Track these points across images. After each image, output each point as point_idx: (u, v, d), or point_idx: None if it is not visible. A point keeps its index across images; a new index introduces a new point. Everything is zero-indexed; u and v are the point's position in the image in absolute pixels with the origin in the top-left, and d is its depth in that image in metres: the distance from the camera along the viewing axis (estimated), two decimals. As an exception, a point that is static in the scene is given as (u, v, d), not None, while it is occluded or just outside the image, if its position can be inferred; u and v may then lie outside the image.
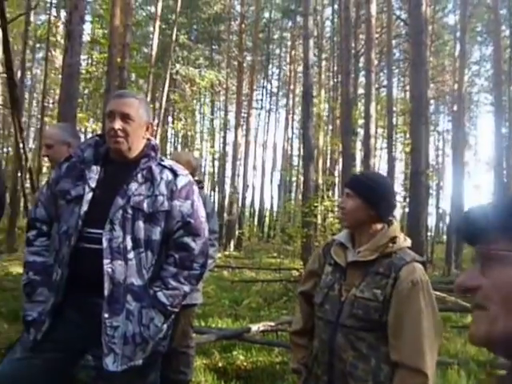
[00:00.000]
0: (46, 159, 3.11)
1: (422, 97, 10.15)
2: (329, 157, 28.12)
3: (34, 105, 32.88)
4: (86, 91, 25.89)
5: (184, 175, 2.14)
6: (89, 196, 2.01)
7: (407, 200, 11.52)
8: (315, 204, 12.82)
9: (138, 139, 2.10)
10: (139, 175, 2.04)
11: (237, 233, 25.01)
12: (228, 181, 28.84)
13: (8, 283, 7.08)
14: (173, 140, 32.93)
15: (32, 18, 22.32)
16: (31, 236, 2.15)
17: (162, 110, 20.23)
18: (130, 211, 1.97)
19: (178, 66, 22.55)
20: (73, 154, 2.16)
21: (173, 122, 28.70)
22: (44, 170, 19.74)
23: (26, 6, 17.68)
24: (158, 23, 18.79)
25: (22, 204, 19.14)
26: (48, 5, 22.31)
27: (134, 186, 2.01)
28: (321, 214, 14.62)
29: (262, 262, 15.87)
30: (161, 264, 2.04)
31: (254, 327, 5.14)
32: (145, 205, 2.00)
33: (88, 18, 26.93)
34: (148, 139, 2.17)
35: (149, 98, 19.77)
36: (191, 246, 2.06)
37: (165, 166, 2.11)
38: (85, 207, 1.99)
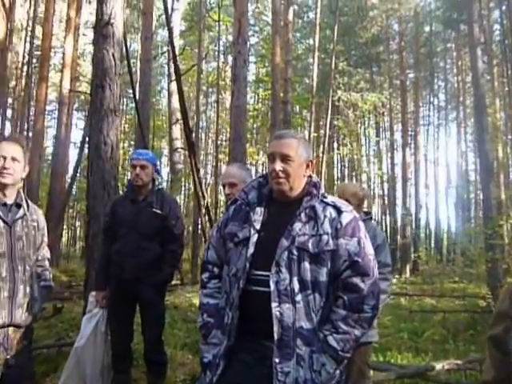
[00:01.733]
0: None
1: None
2: (511, 169, 25.60)
3: (209, 144, 35.69)
4: (255, 126, 27.35)
5: (348, 211, 2.05)
6: (255, 238, 2.03)
7: None
8: (500, 223, 11.62)
9: (300, 178, 2.09)
10: (302, 214, 2.01)
11: (412, 256, 23.84)
12: (399, 202, 27.83)
13: (191, 314, 7.52)
14: (339, 165, 32.98)
15: (203, 67, 24.40)
16: (204, 278, 2.24)
17: (327, 138, 20.41)
18: (295, 252, 1.94)
19: (339, 92, 22.68)
20: (237, 197, 2.23)
21: (338, 148, 28.78)
22: (221, 203, 21.16)
23: (197, 57, 19.46)
24: (316, 54, 19.17)
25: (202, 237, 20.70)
26: (216, 53, 24.24)
27: (297, 225, 1.98)
28: (508, 234, 13.21)
29: (442, 288, 14.79)
30: (329, 306, 1.96)
31: (439, 365, 4.71)
32: (310, 245, 1.95)
33: (252, 59, 28.73)
34: (309, 176, 2.15)
35: (312, 127, 20.15)
36: (360, 287, 1.95)
37: (328, 203, 2.05)
38: (251, 249, 2.00)
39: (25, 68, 22.58)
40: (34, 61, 22.22)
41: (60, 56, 22.70)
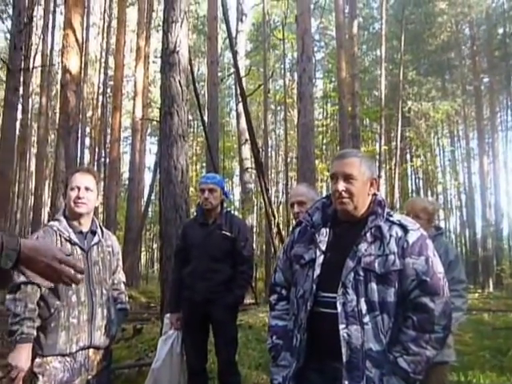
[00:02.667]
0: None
1: None
2: None
3: (279, 161, 35.87)
4: (324, 141, 27.24)
5: (415, 230, 2.00)
6: (320, 259, 2.03)
7: None
8: None
9: (364, 197, 2.07)
10: (368, 234, 1.99)
11: (495, 270, 22.62)
12: (478, 213, 26.57)
13: (265, 334, 7.50)
14: (413, 177, 32.08)
15: (270, 85, 24.69)
16: (273, 300, 2.26)
17: (398, 150, 19.97)
18: (361, 273, 1.92)
19: (409, 103, 22.21)
20: (302, 219, 2.23)
21: (411, 160, 28.06)
22: (293, 221, 21.14)
23: (263, 76, 19.75)
24: (384, 65, 18.90)
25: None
26: (282, 71, 24.50)
27: (363, 246, 1.96)
28: None
29: (529, 303, 13.88)
30: (399, 327, 1.92)
31: (525, 387, 4.41)
32: (376, 265, 1.92)
33: (319, 74, 28.73)
34: (374, 195, 2.12)
35: (383, 140, 19.79)
36: (430, 307, 1.89)
37: (393, 222, 2.02)
38: (317, 271, 2.01)
39: (100, 98, 23.91)
40: (108, 90, 23.48)
41: (132, 84, 23.86)
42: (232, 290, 3.62)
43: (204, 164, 29.52)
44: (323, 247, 2.05)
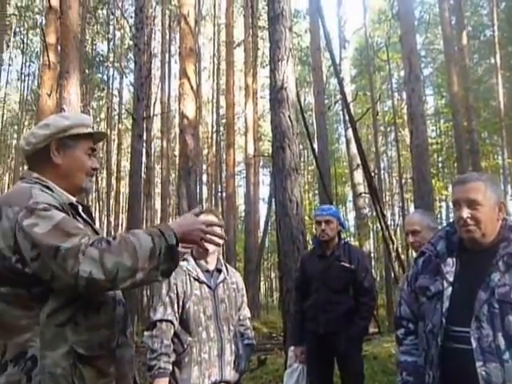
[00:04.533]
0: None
1: None
2: None
3: (393, 183, 34.79)
4: (440, 159, 26.04)
5: None
6: (448, 291, 1.93)
7: None
8: None
9: (492, 223, 1.94)
10: (500, 263, 1.86)
11: None
12: None
13: (392, 366, 7.16)
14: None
15: (378, 107, 24.28)
16: (400, 334, 2.18)
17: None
18: (496, 305, 1.80)
19: (534, 109, 20.53)
20: (425, 249, 2.15)
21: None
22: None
23: (371, 99, 19.51)
24: (500, 73, 17.78)
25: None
26: (390, 92, 24.01)
27: (496, 275, 1.84)
28: None
29: None
30: None
31: None
32: None
33: (429, 91, 27.71)
34: (504, 219, 1.99)
35: (506, 153, 18.47)
36: None
37: None
38: (446, 304, 1.91)
39: (214, 136, 25.10)
40: (221, 128, 24.59)
41: (243, 120, 24.74)
42: (355, 322, 3.56)
43: (316, 192, 29.48)
44: (451, 278, 1.95)
